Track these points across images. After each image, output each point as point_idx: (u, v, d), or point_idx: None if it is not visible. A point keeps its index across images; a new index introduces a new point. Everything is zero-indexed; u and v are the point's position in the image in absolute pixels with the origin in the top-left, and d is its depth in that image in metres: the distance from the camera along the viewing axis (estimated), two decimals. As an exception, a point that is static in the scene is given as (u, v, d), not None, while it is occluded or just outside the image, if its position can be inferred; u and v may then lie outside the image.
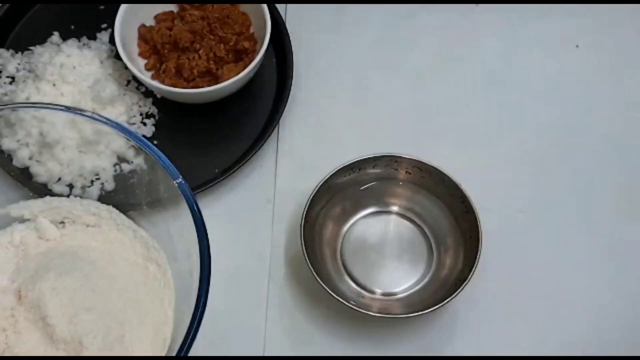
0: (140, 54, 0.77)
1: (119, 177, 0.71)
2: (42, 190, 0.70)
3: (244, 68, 0.73)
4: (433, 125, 0.78)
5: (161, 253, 0.66)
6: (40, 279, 0.62)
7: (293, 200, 0.73)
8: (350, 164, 0.68)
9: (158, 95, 0.76)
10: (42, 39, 0.78)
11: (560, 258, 0.72)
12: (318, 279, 0.65)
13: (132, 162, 0.71)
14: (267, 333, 0.69)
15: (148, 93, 0.77)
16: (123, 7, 0.75)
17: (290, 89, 0.76)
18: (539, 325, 0.70)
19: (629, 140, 0.78)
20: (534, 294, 0.71)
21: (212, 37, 0.76)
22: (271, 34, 0.74)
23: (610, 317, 0.70)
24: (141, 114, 0.76)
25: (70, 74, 0.73)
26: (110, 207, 0.68)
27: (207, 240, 0.59)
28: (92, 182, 0.71)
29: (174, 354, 0.56)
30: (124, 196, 0.69)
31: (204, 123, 0.77)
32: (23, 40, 0.79)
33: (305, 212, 0.67)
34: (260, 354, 0.68)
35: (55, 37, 0.78)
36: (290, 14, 0.82)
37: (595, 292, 0.71)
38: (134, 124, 0.75)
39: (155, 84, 0.73)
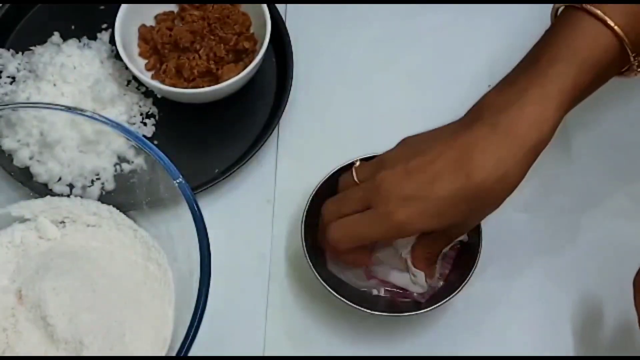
0: (141, 54, 0.77)
1: (119, 177, 0.71)
2: (42, 190, 0.70)
3: (244, 68, 0.73)
4: (433, 125, 0.77)
5: (161, 253, 0.66)
6: (41, 278, 0.62)
7: (293, 200, 0.73)
8: (351, 163, 0.68)
9: (158, 95, 0.76)
10: (42, 39, 0.78)
11: (560, 258, 0.72)
12: (319, 278, 0.65)
13: (132, 162, 0.71)
14: (267, 333, 0.69)
15: (148, 93, 0.77)
16: (123, 7, 0.75)
17: (290, 89, 0.76)
18: (538, 325, 0.70)
19: (628, 139, 0.78)
20: (534, 294, 0.71)
21: (212, 37, 0.76)
22: (271, 34, 0.74)
23: (611, 317, 0.70)
24: (141, 114, 0.76)
25: (71, 74, 0.73)
26: (111, 207, 0.68)
27: (207, 240, 0.59)
28: (92, 182, 0.71)
29: (174, 353, 0.57)
30: (125, 196, 0.70)
31: (204, 123, 0.77)
32: (23, 40, 0.79)
33: (306, 211, 0.67)
34: (260, 354, 0.68)
35: (56, 37, 0.78)
36: (290, 14, 0.82)
37: (595, 291, 0.71)
38: (134, 124, 0.75)
39: (156, 84, 0.73)
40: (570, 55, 0.57)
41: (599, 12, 0.57)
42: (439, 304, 0.64)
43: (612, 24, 0.56)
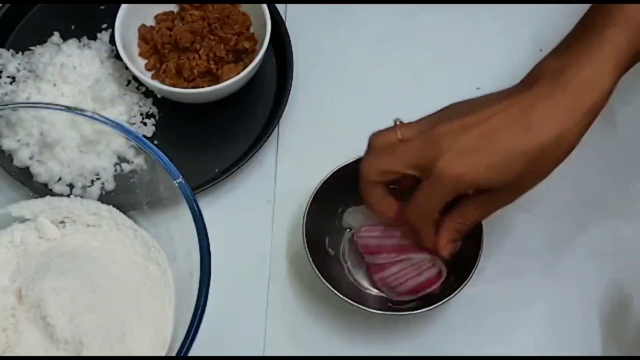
0: (141, 54, 0.77)
1: (119, 177, 0.71)
2: (42, 190, 0.70)
3: (244, 68, 0.73)
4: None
5: (161, 253, 0.66)
6: (41, 278, 0.62)
7: (293, 200, 0.73)
8: (352, 162, 0.69)
9: (158, 95, 0.76)
10: (42, 39, 0.78)
11: (560, 258, 0.72)
12: (320, 277, 0.65)
13: (132, 162, 0.71)
14: (267, 333, 0.69)
15: (148, 93, 0.77)
16: (123, 7, 0.75)
17: (290, 89, 0.76)
18: (538, 325, 0.70)
19: (629, 139, 0.78)
20: (534, 294, 0.71)
21: (212, 37, 0.76)
22: (271, 34, 0.74)
23: (611, 318, 0.70)
24: (141, 114, 0.76)
25: (71, 74, 0.73)
26: (111, 207, 0.68)
27: (207, 240, 0.59)
28: (92, 182, 0.71)
29: (174, 353, 0.57)
30: (124, 196, 0.70)
31: (204, 123, 0.77)
32: (23, 40, 0.79)
33: (307, 211, 0.67)
34: (260, 354, 0.68)
35: (56, 37, 0.78)
36: (290, 14, 0.82)
37: (595, 291, 0.71)
38: (134, 123, 0.75)
39: (156, 84, 0.73)
40: (624, 19, 0.57)
41: None
42: (440, 303, 0.64)
43: None
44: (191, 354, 0.56)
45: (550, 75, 0.57)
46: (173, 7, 0.79)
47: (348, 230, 0.71)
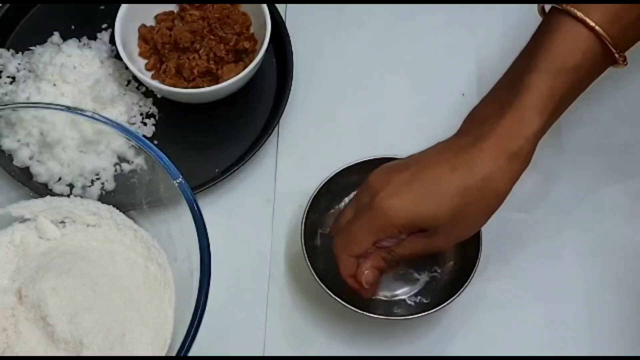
0: (141, 54, 0.77)
1: (119, 177, 0.71)
2: (42, 190, 0.70)
3: (244, 68, 0.73)
4: (433, 126, 0.78)
5: (161, 253, 0.66)
6: (41, 278, 0.62)
7: (293, 200, 0.73)
8: (352, 165, 0.69)
9: (158, 95, 0.76)
10: (42, 39, 0.78)
11: (560, 258, 0.72)
12: (318, 281, 0.65)
13: (132, 162, 0.71)
14: (267, 333, 0.69)
15: (148, 93, 0.77)
16: (123, 7, 0.75)
17: (290, 89, 0.76)
18: (538, 325, 0.70)
19: (628, 139, 0.78)
20: (534, 294, 0.71)
21: (212, 37, 0.76)
22: (271, 34, 0.74)
23: (610, 317, 0.70)
24: (141, 114, 0.76)
25: (71, 74, 0.73)
26: (111, 207, 0.68)
27: (207, 240, 0.59)
28: (92, 181, 0.71)
29: (174, 353, 0.57)
30: (124, 196, 0.70)
31: (204, 123, 0.77)
32: (23, 40, 0.79)
33: (306, 213, 0.67)
34: (260, 354, 0.68)
35: (56, 37, 0.78)
36: (290, 14, 0.82)
37: (595, 291, 0.71)
38: (134, 123, 0.75)
39: (156, 84, 0.73)
40: (546, 65, 0.58)
41: (579, 13, 0.57)
42: (439, 307, 0.64)
43: (592, 24, 0.57)
44: (191, 354, 0.56)
45: (474, 125, 0.60)
46: (173, 7, 0.79)
47: None
